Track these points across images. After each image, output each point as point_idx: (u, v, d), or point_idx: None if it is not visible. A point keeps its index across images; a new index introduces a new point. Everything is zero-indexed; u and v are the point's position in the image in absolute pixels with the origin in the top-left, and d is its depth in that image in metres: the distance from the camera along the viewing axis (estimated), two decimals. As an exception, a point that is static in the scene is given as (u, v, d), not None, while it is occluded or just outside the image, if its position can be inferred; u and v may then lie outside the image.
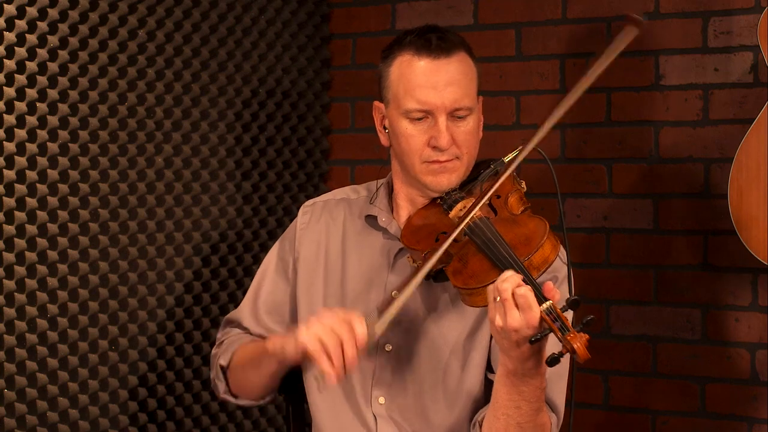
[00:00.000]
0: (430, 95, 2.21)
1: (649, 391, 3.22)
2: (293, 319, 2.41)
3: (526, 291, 1.94)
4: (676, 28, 3.18)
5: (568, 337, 1.91)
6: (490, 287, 2.00)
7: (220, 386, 2.40)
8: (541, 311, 1.94)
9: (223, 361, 2.38)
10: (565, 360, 2.21)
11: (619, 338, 3.26)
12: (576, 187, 3.30)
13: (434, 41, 2.23)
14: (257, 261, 3.33)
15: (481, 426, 2.18)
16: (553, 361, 1.93)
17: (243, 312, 2.45)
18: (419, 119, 2.23)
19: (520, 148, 2.21)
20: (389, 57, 2.28)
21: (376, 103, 2.33)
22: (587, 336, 1.91)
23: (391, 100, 2.27)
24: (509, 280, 1.97)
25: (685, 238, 3.18)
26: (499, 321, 1.96)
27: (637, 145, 3.24)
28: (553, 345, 2.00)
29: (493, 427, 2.12)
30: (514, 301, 1.94)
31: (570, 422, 2.25)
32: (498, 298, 1.96)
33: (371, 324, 2.08)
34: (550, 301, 1.95)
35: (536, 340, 1.94)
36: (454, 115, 2.22)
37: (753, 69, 3.09)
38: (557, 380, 2.22)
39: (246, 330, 2.45)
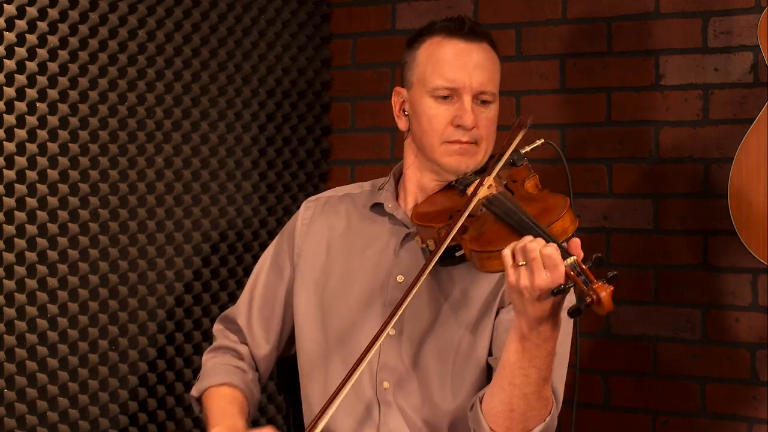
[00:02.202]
0: (459, 74, 2.24)
1: (649, 391, 3.22)
2: (282, 314, 2.41)
3: (552, 250, 1.95)
4: (676, 28, 3.18)
5: (595, 287, 1.90)
6: (506, 252, 1.99)
7: (195, 408, 2.43)
8: (565, 266, 1.94)
9: (195, 393, 2.41)
10: (567, 340, 2.21)
11: (619, 338, 3.26)
12: (576, 187, 3.30)
13: (468, 24, 2.28)
14: (257, 261, 3.33)
15: (481, 402, 2.17)
16: (575, 311, 1.91)
17: (239, 309, 2.46)
18: (445, 98, 2.26)
19: (540, 141, 2.25)
20: (416, 42, 2.32)
21: (397, 88, 2.35)
22: (612, 287, 1.90)
23: (416, 81, 2.29)
24: (536, 241, 1.97)
25: (685, 238, 3.18)
26: (525, 281, 1.96)
27: (637, 145, 3.24)
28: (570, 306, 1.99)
29: (496, 399, 2.11)
30: (542, 261, 1.95)
31: (573, 422, 2.25)
32: (521, 263, 1.96)
33: None
34: (575, 257, 1.95)
35: (559, 292, 1.94)
36: (478, 98, 2.26)
37: (753, 69, 3.09)
38: (560, 365, 2.22)
39: (239, 330, 2.44)
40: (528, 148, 2.27)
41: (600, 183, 3.29)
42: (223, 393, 2.36)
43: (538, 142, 2.29)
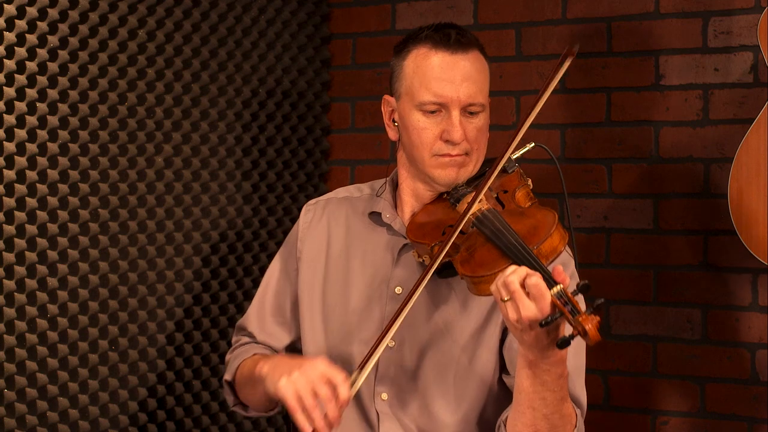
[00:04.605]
0: (447, 88, 2.21)
1: (649, 391, 3.22)
2: (294, 318, 2.42)
3: (537, 279, 1.94)
4: (676, 28, 3.19)
5: (579, 319, 1.90)
6: (495, 288, 1.99)
7: (229, 399, 2.44)
8: (551, 295, 1.94)
9: (228, 377, 2.42)
10: (582, 349, 2.22)
11: (619, 338, 3.26)
12: (576, 187, 3.30)
13: (453, 36, 2.24)
14: (257, 261, 3.33)
15: (506, 425, 2.17)
16: (564, 342, 1.92)
17: (250, 316, 2.47)
18: (432, 112, 2.23)
19: (530, 145, 2.23)
20: (403, 51, 2.29)
21: (386, 96, 2.33)
22: (598, 318, 1.91)
23: (404, 93, 2.27)
24: (516, 273, 1.96)
25: (685, 238, 3.19)
26: (513, 315, 1.96)
27: (637, 145, 3.24)
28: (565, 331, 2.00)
29: (519, 422, 2.11)
30: (525, 292, 1.94)
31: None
32: (507, 298, 1.96)
33: (354, 381, 2.10)
34: (561, 285, 1.94)
35: (547, 323, 1.93)
36: (467, 110, 2.23)
37: (753, 69, 3.09)
38: (577, 375, 2.22)
39: (251, 335, 2.46)
40: (519, 153, 2.26)
41: (600, 183, 3.29)
42: (258, 358, 2.36)
43: (529, 146, 2.27)
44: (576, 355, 2.17)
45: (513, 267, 1.98)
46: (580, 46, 3.23)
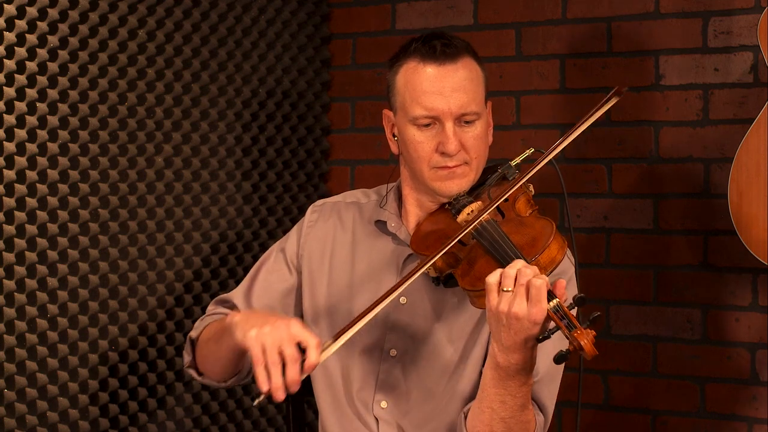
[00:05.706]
0: (437, 101, 2.21)
1: (649, 391, 3.22)
2: (281, 303, 2.41)
3: (542, 284, 1.95)
4: (676, 28, 3.19)
5: (575, 334, 1.91)
6: (495, 276, 1.99)
7: (186, 358, 2.39)
8: (548, 309, 1.94)
9: (193, 333, 2.37)
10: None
11: (619, 338, 3.26)
12: (576, 187, 3.30)
13: (439, 48, 2.23)
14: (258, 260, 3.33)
15: (466, 418, 2.18)
16: (561, 358, 1.93)
17: (237, 293, 2.44)
18: (427, 126, 2.23)
19: (529, 150, 2.24)
20: (395, 65, 2.28)
21: (386, 111, 2.33)
22: (594, 332, 1.92)
23: (399, 108, 2.27)
24: (528, 267, 1.97)
25: (685, 238, 3.18)
26: (503, 306, 1.97)
27: (637, 145, 3.24)
28: (558, 343, 2.00)
29: (478, 420, 2.13)
30: (526, 292, 1.95)
31: (577, 422, 2.26)
32: (507, 288, 1.96)
33: (325, 349, 2.06)
34: (557, 299, 1.95)
35: (544, 338, 1.95)
36: (461, 120, 2.22)
37: (753, 69, 3.09)
38: (549, 382, 2.22)
39: (234, 306, 2.44)
40: (518, 159, 2.26)
41: (600, 183, 3.29)
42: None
43: (528, 152, 2.28)
44: (552, 361, 2.18)
45: (521, 262, 1.99)
46: (581, 46, 3.24)
